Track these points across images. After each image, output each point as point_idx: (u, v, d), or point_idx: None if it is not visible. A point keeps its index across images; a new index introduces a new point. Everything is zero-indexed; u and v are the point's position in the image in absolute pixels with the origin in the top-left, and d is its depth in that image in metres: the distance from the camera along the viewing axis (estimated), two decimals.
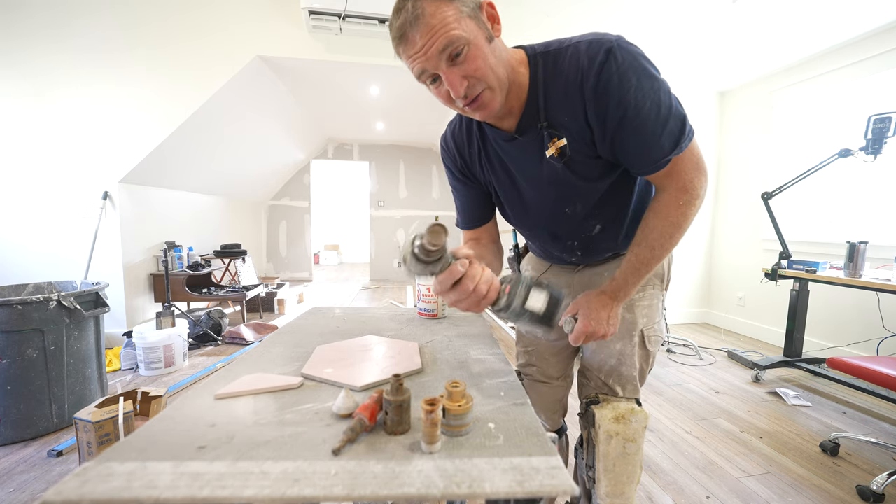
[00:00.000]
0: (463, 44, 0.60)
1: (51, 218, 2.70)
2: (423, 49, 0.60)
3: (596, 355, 0.89)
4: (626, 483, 0.82)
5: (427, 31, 0.59)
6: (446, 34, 0.59)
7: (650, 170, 0.70)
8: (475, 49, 0.61)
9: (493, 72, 0.63)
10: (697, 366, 2.65)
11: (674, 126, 0.66)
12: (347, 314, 1.10)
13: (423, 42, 0.59)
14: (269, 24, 2.73)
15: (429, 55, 0.60)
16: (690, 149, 0.69)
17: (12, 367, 1.60)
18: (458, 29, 0.59)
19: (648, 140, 0.66)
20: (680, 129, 0.66)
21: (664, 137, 0.66)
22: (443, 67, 0.61)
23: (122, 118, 2.68)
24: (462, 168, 0.89)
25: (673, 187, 0.70)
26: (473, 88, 0.64)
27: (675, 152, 0.67)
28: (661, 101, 0.64)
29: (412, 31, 0.59)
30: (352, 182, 8.77)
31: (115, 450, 0.44)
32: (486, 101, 0.66)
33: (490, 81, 0.64)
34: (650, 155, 0.68)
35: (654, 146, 0.66)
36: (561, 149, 0.71)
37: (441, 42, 0.59)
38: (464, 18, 0.60)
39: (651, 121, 0.64)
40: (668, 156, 0.67)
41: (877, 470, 1.52)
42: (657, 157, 0.67)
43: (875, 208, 2.56)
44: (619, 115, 0.65)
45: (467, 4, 0.61)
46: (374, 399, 0.51)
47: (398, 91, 3.65)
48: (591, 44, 0.64)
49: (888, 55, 2.42)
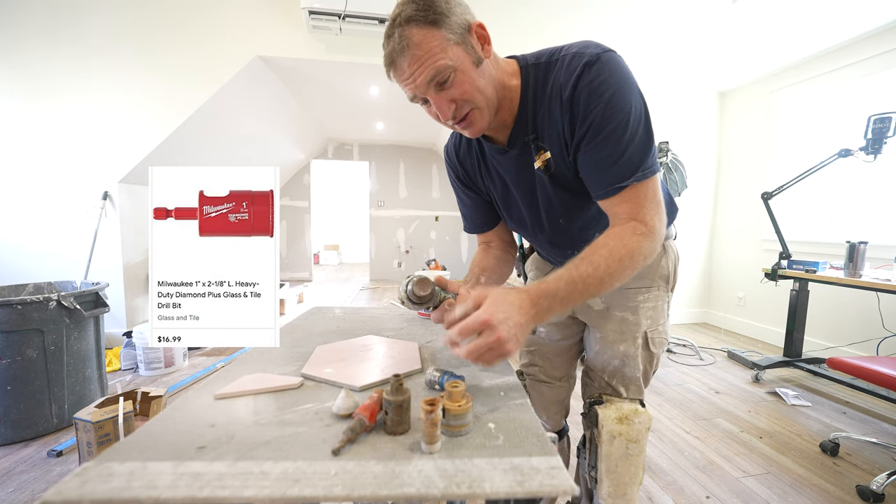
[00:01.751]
0: (450, 71, 0.61)
1: (51, 218, 2.70)
2: (412, 77, 0.62)
3: (599, 356, 0.89)
4: (628, 484, 0.82)
5: (414, 61, 0.60)
6: (433, 65, 0.60)
7: (604, 192, 0.66)
8: (462, 74, 0.62)
9: (480, 93, 0.65)
10: (697, 366, 2.65)
11: (635, 154, 0.63)
12: (347, 314, 1.10)
13: (412, 71, 0.61)
14: (269, 24, 2.73)
15: (417, 83, 0.62)
16: (651, 183, 0.65)
17: (12, 367, 1.60)
18: (444, 59, 0.60)
19: (606, 160, 0.63)
20: (641, 158, 0.63)
21: (623, 162, 0.63)
22: (431, 93, 0.64)
23: (122, 118, 2.68)
24: (464, 178, 0.91)
25: (629, 218, 0.65)
26: (461, 110, 0.66)
27: (632, 179, 0.63)
28: (629, 125, 0.62)
29: (400, 59, 0.61)
30: (352, 182, 8.77)
31: (115, 450, 0.44)
32: (474, 120, 0.68)
33: (478, 102, 0.66)
34: (606, 176, 0.64)
35: (612, 168, 0.63)
36: (546, 162, 0.72)
37: (428, 73, 0.61)
38: (450, 46, 0.61)
39: (612, 142, 0.62)
40: (625, 181, 0.63)
41: (877, 470, 1.52)
42: (613, 180, 0.64)
43: (875, 208, 2.57)
44: (584, 129, 0.64)
45: (455, 31, 0.61)
46: (374, 399, 0.51)
47: (398, 91, 3.62)
48: (575, 56, 0.65)
49: (888, 55, 2.42)
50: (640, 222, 0.64)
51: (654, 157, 0.65)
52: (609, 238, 0.63)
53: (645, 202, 0.64)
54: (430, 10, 0.59)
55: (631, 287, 0.87)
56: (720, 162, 3.66)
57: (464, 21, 0.63)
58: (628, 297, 0.87)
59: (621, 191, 0.64)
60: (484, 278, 0.89)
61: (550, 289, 0.58)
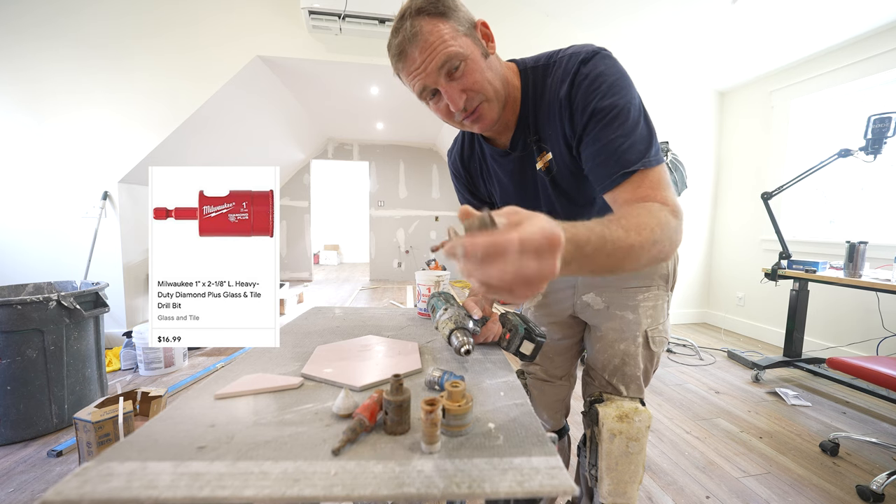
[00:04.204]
0: (460, 59, 0.62)
1: (51, 218, 2.70)
2: (423, 65, 0.62)
3: (600, 355, 0.90)
4: (628, 482, 0.82)
5: (425, 48, 0.61)
6: (444, 50, 0.61)
7: (610, 182, 0.61)
8: (472, 63, 0.64)
9: (490, 84, 0.66)
10: (697, 366, 2.65)
11: (640, 141, 0.60)
12: (347, 314, 1.10)
13: (423, 59, 0.62)
14: (269, 24, 2.73)
15: (428, 71, 0.63)
16: (661, 169, 0.61)
17: (12, 367, 1.60)
18: (454, 45, 0.62)
19: (610, 146, 0.61)
20: (646, 146, 0.61)
21: (627, 147, 0.60)
22: (442, 82, 0.64)
23: (122, 118, 2.68)
24: (467, 182, 0.92)
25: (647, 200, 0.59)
26: (472, 101, 0.66)
27: (639, 164, 0.59)
28: (631, 112, 0.61)
29: (411, 48, 0.62)
30: (352, 182, 8.77)
31: (115, 450, 0.44)
32: (484, 113, 0.68)
33: (488, 93, 0.66)
34: (612, 164, 0.61)
35: (616, 153, 0.60)
36: (548, 163, 0.73)
37: (440, 58, 0.62)
38: (460, 35, 0.63)
39: (615, 127, 0.61)
40: (632, 166, 0.59)
41: (877, 470, 1.52)
42: (619, 166, 0.60)
43: (875, 208, 2.57)
44: (585, 118, 0.64)
45: (462, 23, 0.64)
46: (374, 399, 0.51)
47: (398, 91, 3.65)
48: (571, 56, 0.66)
49: (888, 55, 2.41)
50: (661, 203, 0.57)
51: (658, 149, 0.62)
52: (637, 208, 0.56)
53: (659, 187, 0.59)
54: (439, 3, 0.62)
55: (631, 286, 0.87)
56: (720, 162, 3.66)
57: (470, 17, 0.65)
58: (628, 295, 0.87)
59: (629, 177, 0.59)
60: None
61: (581, 237, 0.45)
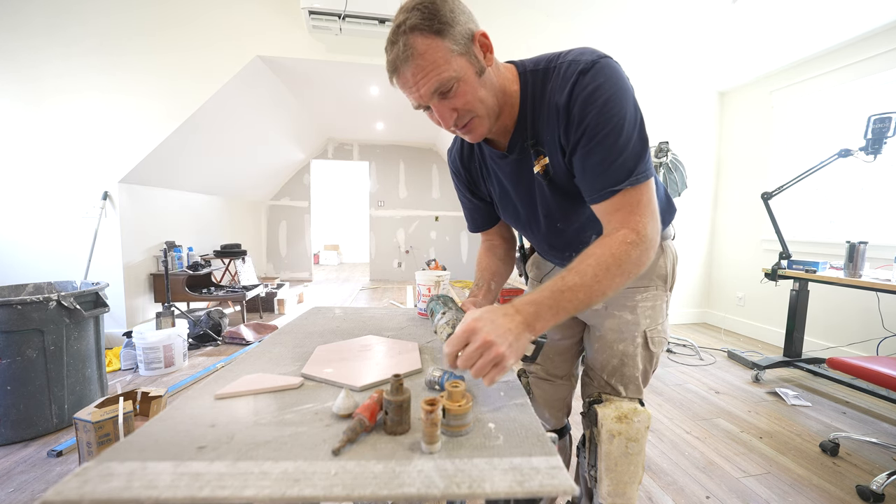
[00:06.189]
0: (453, 83, 0.62)
1: (51, 218, 2.70)
2: (415, 87, 0.63)
3: (599, 355, 0.90)
4: (627, 483, 0.82)
5: (417, 72, 0.61)
6: (437, 77, 0.61)
7: (598, 196, 0.66)
8: (465, 84, 0.63)
9: (482, 103, 0.66)
10: (697, 366, 2.65)
11: (629, 159, 0.63)
12: (347, 314, 1.10)
13: (415, 81, 0.62)
14: (269, 25, 2.73)
15: (421, 94, 0.63)
16: (645, 188, 0.64)
17: (12, 367, 1.60)
18: (447, 71, 0.61)
19: (600, 164, 0.64)
20: (635, 163, 0.63)
21: (617, 166, 0.63)
22: (434, 102, 0.65)
23: (122, 118, 2.68)
24: (467, 181, 0.92)
25: (620, 226, 0.64)
26: (462, 118, 0.67)
27: (626, 183, 0.63)
28: (623, 130, 0.62)
29: (404, 68, 0.62)
30: (352, 182, 8.76)
31: (115, 450, 0.44)
32: (475, 127, 0.69)
33: (478, 111, 0.67)
34: (600, 180, 0.64)
35: (605, 172, 0.63)
36: (545, 167, 0.73)
37: (431, 85, 0.62)
38: (454, 57, 0.61)
39: (607, 146, 0.62)
40: (618, 185, 0.63)
41: (877, 470, 1.52)
42: (606, 183, 0.64)
43: (875, 208, 2.57)
44: (579, 134, 0.64)
45: (458, 41, 0.62)
46: (374, 399, 0.51)
47: (398, 91, 3.64)
48: (571, 63, 0.65)
49: (888, 55, 2.42)
50: (630, 230, 0.63)
51: (648, 162, 0.65)
52: (597, 247, 0.63)
53: (637, 209, 0.64)
54: (434, 20, 0.59)
55: (629, 286, 0.87)
56: (720, 162, 3.66)
57: (468, 31, 0.63)
58: (626, 296, 0.87)
59: (614, 195, 0.64)
60: (494, 284, 0.93)
61: (534, 297, 0.59)
